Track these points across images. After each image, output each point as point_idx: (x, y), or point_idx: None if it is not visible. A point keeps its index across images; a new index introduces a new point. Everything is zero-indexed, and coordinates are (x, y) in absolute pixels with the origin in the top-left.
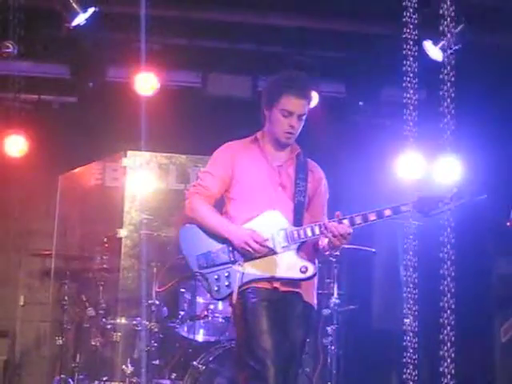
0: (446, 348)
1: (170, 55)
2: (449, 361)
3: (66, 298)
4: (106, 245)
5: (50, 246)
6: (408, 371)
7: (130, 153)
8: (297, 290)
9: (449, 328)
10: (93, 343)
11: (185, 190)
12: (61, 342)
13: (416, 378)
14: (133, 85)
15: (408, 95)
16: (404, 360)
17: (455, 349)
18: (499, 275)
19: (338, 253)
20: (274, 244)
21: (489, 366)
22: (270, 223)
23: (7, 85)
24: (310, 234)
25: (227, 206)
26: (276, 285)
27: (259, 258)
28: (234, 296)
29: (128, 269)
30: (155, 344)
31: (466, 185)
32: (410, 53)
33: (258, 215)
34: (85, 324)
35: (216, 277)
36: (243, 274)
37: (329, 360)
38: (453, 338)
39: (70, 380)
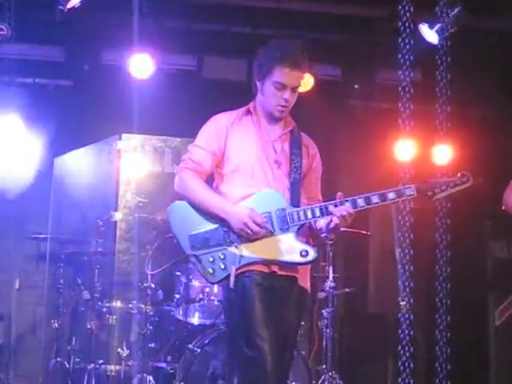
0: (440, 330)
1: (166, 38)
2: (443, 343)
3: (62, 281)
4: (101, 228)
5: (45, 230)
6: (403, 352)
7: (124, 136)
8: (294, 274)
9: (443, 310)
10: (88, 326)
11: (176, 167)
12: (56, 325)
13: (411, 359)
14: (128, 68)
15: (404, 78)
16: (399, 342)
17: (450, 331)
18: (494, 259)
19: (333, 236)
20: (273, 225)
21: (483, 349)
22: (268, 202)
23: (2, 68)
24: (310, 215)
25: (218, 183)
26: (274, 268)
27: (256, 240)
28: (232, 279)
29: (123, 252)
30: (150, 327)
31: (461, 168)
32: (405, 36)
33: (253, 193)
34: (80, 307)
35: (211, 259)
36: (240, 256)
37: (324, 343)
38: (447, 320)
39: (66, 363)
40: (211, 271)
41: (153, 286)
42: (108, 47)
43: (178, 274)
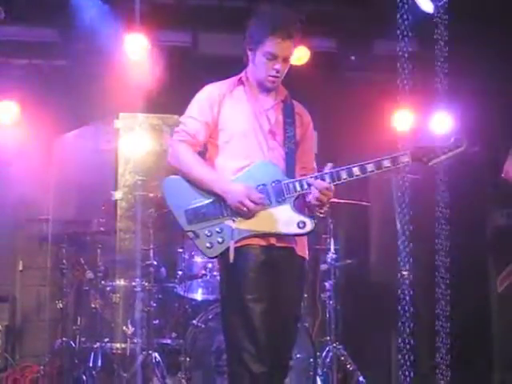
0: (441, 296)
1: (160, 15)
2: (445, 311)
3: (65, 261)
4: (102, 207)
5: (47, 211)
6: (404, 322)
7: (121, 115)
8: (291, 245)
9: (443, 277)
10: (93, 305)
11: (169, 139)
12: (61, 305)
13: (412, 329)
14: (123, 46)
15: (401, 48)
16: (401, 312)
17: (451, 301)
18: (494, 227)
19: (325, 209)
20: (270, 197)
21: (485, 317)
22: (263, 174)
23: None
24: (306, 186)
25: (211, 154)
26: (272, 241)
27: (254, 215)
28: (231, 253)
29: (124, 231)
30: (154, 304)
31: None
32: (401, 5)
33: (248, 165)
34: (84, 287)
35: (208, 233)
36: (238, 230)
37: (327, 315)
38: (448, 287)
39: (72, 343)
40: (209, 245)
41: (155, 263)
42: (102, 26)
43: (180, 250)
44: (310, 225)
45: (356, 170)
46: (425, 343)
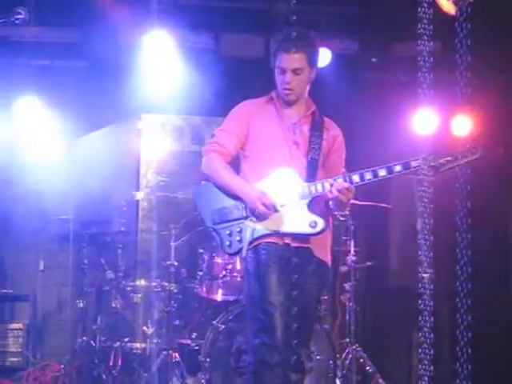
0: (461, 298)
1: (182, 16)
2: (466, 316)
3: (86, 261)
4: (124, 208)
5: (69, 211)
6: (424, 325)
7: (144, 116)
8: (307, 245)
9: (465, 277)
10: (113, 305)
11: (202, 149)
12: (81, 305)
13: (433, 329)
14: (145, 46)
15: (422, 50)
16: (421, 313)
17: (472, 300)
18: None
19: (346, 212)
20: (285, 200)
21: (506, 317)
22: (283, 180)
23: (19, 51)
24: (320, 189)
25: (242, 164)
26: (287, 240)
27: (270, 215)
28: (244, 250)
29: (146, 231)
30: (175, 305)
31: (480, 139)
32: (423, 7)
33: (271, 173)
34: (105, 287)
35: (228, 232)
36: (254, 229)
37: (347, 316)
38: (468, 289)
39: (92, 342)
40: (228, 243)
41: (176, 263)
42: (124, 27)
43: (201, 251)
44: (321, 224)
45: (368, 175)
46: (446, 346)
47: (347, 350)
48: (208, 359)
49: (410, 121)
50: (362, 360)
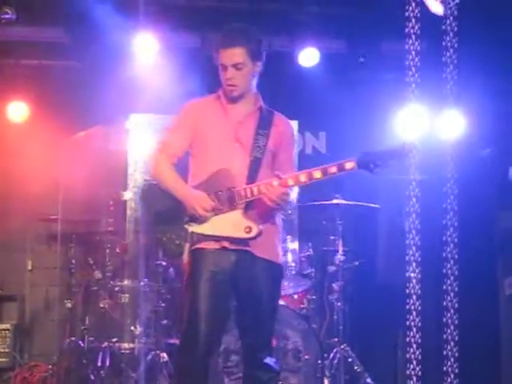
0: (449, 299)
1: (169, 16)
2: (452, 312)
3: (73, 261)
4: (111, 208)
5: (56, 211)
6: (411, 323)
7: (132, 115)
8: (246, 248)
9: (452, 279)
10: (101, 305)
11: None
12: (69, 305)
13: (420, 330)
14: (132, 46)
15: (409, 47)
16: (408, 315)
17: (458, 301)
18: (502, 229)
19: (288, 212)
20: (222, 203)
21: (493, 318)
22: (220, 182)
23: (7, 51)
24: (256, 192)
25: (190, 163)
26: (225, 244)
27: (208, 219)
28: (185, 255)
29: (133, 231)
30: (163, 304)
31: (469, 138)
32: (410, 7)
33: (212, 173)
34: (93, 287)
35: (169, 236)
36: (193, 233)
37: (335, 316)
38: (456, 289)
39: (80, 342)
40: (171, 247)
41: (164, 263)
42: (112, 27)
43: None
44: (255, 230)
45: (303, 177)
46: (432, 347)
47: (335, 350)
48: None
49: (398, 119)
50: (350, 360)
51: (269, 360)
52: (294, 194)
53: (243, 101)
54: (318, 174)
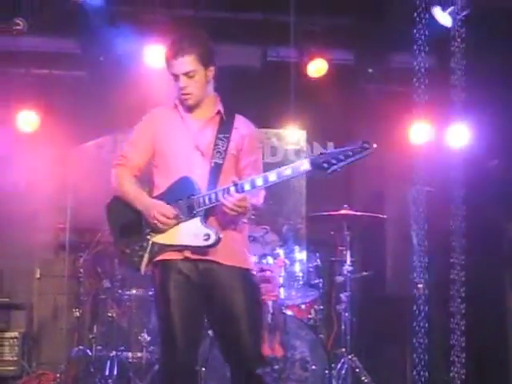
0: (456, 310)
1: (178, 27)
2: (461, 326)
3: (82, 270)
4: None
5: (64, 220)
6: (419, 335)
7: None
8: (209, 257)
9: (458, 290)
10: (109, 314)
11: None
12: (77, 313)
13: (427, 343)
14: (143, 57)
15: (418, 61)
16: (416, 326)
17: (467, 315)
18: (509, 239)
19: (251, 216)
20: (182, 212)
21: (500, 328)
22: (181, 190)
23: (18, 61)
24: (214, 199)
25: (154, 175)
26: (187, 254)
27: (169, 229)
28: (143, 267)
29: None
30: None
31: (476, 150)
32: (419, 19)
33: (173, 182)
34: (101, 295)
35: (133, 249)
36: (153, 244)
37: (343, 326)
38: (462, 298)
39: (88, 351)
40: (134, 260)
41: None
42: (122, 38)
43: None
44: (213, 238)
45: (259, 181)
46: (440, 357)
47: (343, 360)
48: (203, 368)
49: (406, 131)
50: (357, 370)
51: (261, 371)
52: (258, 199)
53: (201, 108)
54: (273, 177)
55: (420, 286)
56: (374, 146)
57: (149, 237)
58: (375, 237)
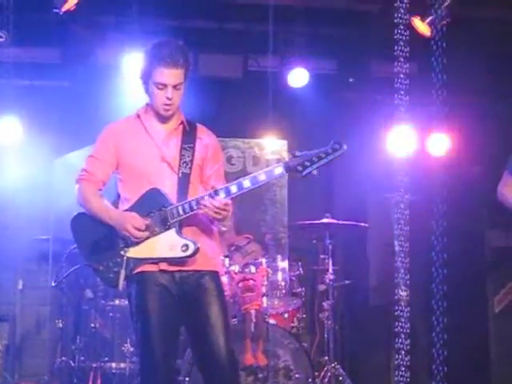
0: (438, 318)
1: (160, 36)
2: (442, 334)
3: (65, 281)
4: None
5: (47, 231)
6: (400, 341)
7: None
8: (186, 268)
9: (441, 297)
10: (92, 325)
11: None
12: (60, 324)
13: (408, 348)
14: (124, 67)
15: (399, 70)
16: (396, 330)
17: (448, 319)
18: (491, 247)
19: (228, 223)
20: (155, 225)
21: (482, 336)
22: (152, 203)
23: None
24: (188, 209)
25: (119, 188)
26: (163, 266)
27: (142, 242)
28: (120, 282)
29: None
30: None
31: (457, 157)
32: (399, 29)
33: (142, 195)
34: (84, 306)
35: (106, 265)
36: (128, 258)
37: (326, 335)
38: (444, 308)
39: (71, 362)
40: (109, 276)
41: None
42: (104, 48)
43: None
44: (192, 248)
45: (234, 188)
46: (422, 364)
47: (326, 368)
48: (187, 378)
49: (388, 139)
50: (340, 378)
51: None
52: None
53: (171, 118)
54: (247, 183)
55: (402, 294)
56: (345, 147)
57: (123, 252)
58: (357, 245)
